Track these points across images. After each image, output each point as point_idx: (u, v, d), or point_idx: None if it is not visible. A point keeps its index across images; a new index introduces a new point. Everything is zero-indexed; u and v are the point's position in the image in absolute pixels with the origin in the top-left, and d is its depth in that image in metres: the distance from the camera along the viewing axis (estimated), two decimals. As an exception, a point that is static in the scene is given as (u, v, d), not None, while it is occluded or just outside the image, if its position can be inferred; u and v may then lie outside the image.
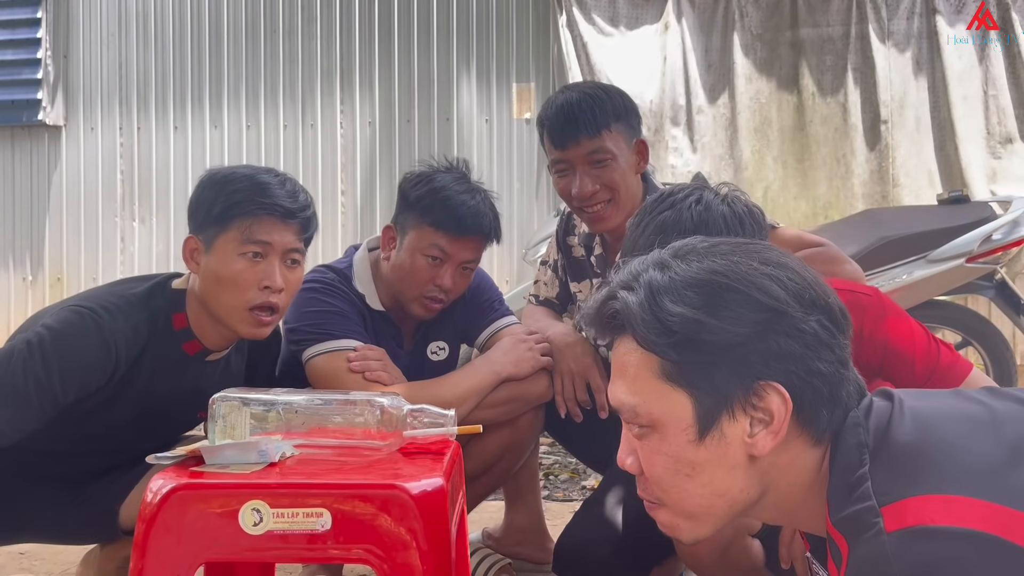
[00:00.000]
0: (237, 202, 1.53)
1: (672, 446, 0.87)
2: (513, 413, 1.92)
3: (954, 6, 4.51)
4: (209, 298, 1.55)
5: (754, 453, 0.86)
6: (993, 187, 4.43)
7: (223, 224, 1.53)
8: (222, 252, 1.53)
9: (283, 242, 1.55)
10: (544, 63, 4.83)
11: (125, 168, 5.14)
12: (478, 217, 1.83)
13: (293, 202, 1.55)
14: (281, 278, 1.54)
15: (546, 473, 3.14)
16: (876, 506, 0.77)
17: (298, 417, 1.31)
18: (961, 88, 4.46)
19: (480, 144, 4.89)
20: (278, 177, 1.58)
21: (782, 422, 0.84)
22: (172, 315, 1.58)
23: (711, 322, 0.84)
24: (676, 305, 0.84)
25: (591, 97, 1.85)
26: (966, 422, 0.84)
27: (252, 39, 5.03)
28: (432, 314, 1.89)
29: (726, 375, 0.84)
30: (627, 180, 1.87)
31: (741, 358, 0.84)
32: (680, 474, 0.87)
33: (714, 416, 0.85)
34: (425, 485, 1.17)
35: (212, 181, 1.58)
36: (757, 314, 0.84)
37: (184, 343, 1.59)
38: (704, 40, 4.66)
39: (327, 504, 1.15)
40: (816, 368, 0.85)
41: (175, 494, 1.15)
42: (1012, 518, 0.73)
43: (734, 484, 0.87)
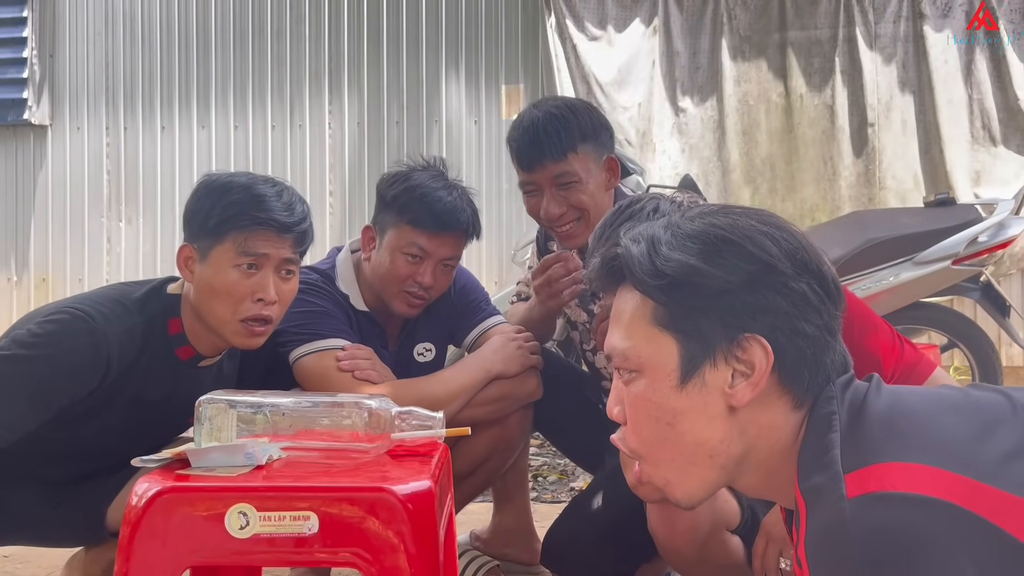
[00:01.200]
0: (233, 215, 1.51)
1: (656, 391, 0.89)
2: (503, 411, 1.92)
3: (940, 10, 4.55)
4: (202, 308, 1.54)
5: (733, 404, 0.87)
6: (977, 190, 4.46)
7: (218, 236, 1.52)
8: (217, 263, 1.52)
9: (278, 255, 1.54)
10: (533, 64, 4.84)
11: (112, 168, 5.11)
12: (456, 213, 1.83)
13: (290, 215, 1.54)
14: (275, 290, 1.54)
15: (535, 474, 3.14)
16: (841, 473, 0.78)
17: (285, 419, 1.31)
18: (946, 92, 4.50)
19: (469, 145, 4.89)
20: (275, 188, 1.57)
21: (762, 374, 0.86)
22: (167, 320, 1.57)
23: (703, 267, 0.86)
24: (673, 252, 0.88)
25: (557, 118, 1.83)
26: (939, 401, 0.86)
27: (240, 39, 5.02)
28: (415, 311, 1.88)
29: (713, 323, 0.87)
30: (596, 199, 1.86)
31: (728, 307, 0.86)
32: (661, 421, 0.89)
33: (697, 363, 0.87)
34: (413, 488, 1.17)
35: (208, 190, 1.56)
36: (749, 265, 0.86)
37: (177, 348, 1.58)
38: (692, 42, 4.68)
39: (314, 507, 1.14)
40: (801, 328, 0.87)
41: (160, 497, 1.14)
42: (973, 488, 0.74)
43: (713, 434, 0.88)
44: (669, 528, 1.48)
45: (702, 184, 4.20)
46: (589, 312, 2.00)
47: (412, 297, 1.84)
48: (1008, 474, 0.76)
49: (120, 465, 1.50)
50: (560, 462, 3.37)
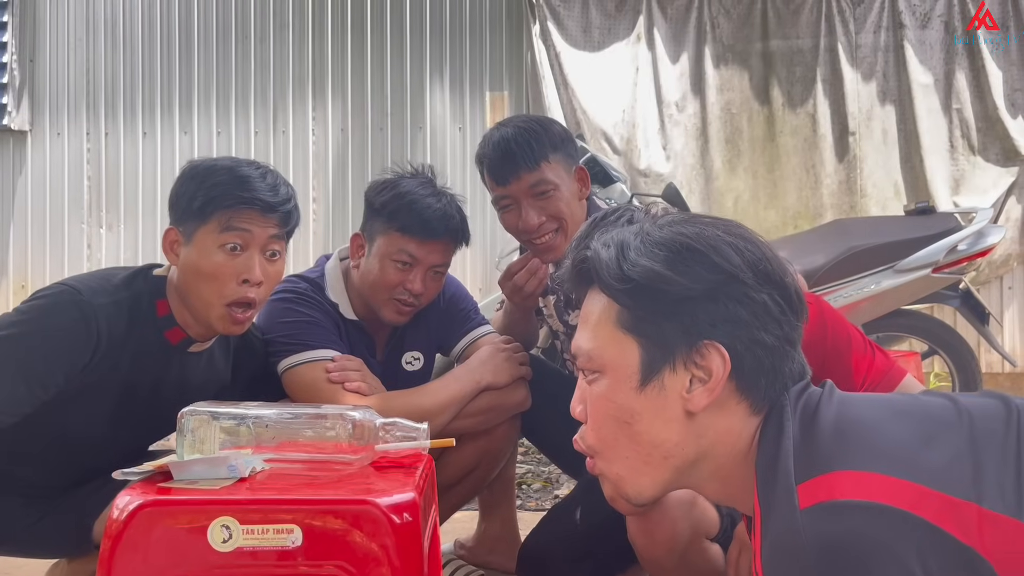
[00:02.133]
0: (217, 195, 1.51)
1: (616, 392, 0.92)
2: (491, 422, 1.92)
3: (920, 21, 4.60)
4: (187, 291, 1.54)
5: (690, 408, 0.90)
6: (957, 198, 4.51)
7: (203, 216, 1.52)
8: (201, 244, 1.52)
9: (263, 234, 1.53)
10: (517, 72, 4.84)
11: (92, 174, 5.06)
12: (445, 220, 1.83)
13: (274, 195, 1.54)
14: (260, 271, 1.53)
15: (519, 482, 3.14)
16: (793, 484, 0.80)
17: (268, 431, 1.30)
18: (926, 101, 4.55)
19: (453, 152, 4.89)
20: (259, 170, 1.57)
21: (719, 381, 0.88)
22: (155, 301, 1.56)
23: (667, 274, 0.89)
24: (641, 257, 0.91)
25: (526, 131, 1.85)
26: (887, 407, 0.88)
27: (223, 44, 4.99)
28: (404, 319, 1.88)
29: (674, 328, 0.89)
30: (572, 208, 1.87)
31: (690, 314, 0.89)
32: (619, 420, 0.92)
33: (657, 366, 0.90)
34: (397, 500, 1.16)
35: (193, 173, 1.57)
36: (712, 274, 0.89)
37: (166, 330, 1.57)
38: (676, 51, 4.70)
39: (298, 520, 1.13)
40: (760, 338, 0.89)
41: (142, 511, 1.13)
42: (920, 494, 0.76)
43: (669, 437, 0.91)
44: (649, 537, 1.48)
45: (685, 192, 4.22)
46: (565, 323, 2.02)
47: (401, 304, 1.84)
48: (951, 478, 0.78)
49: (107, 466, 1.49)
50: (545, 469, 3.37)
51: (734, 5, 4.68)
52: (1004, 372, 4.61)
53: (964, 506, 0.76)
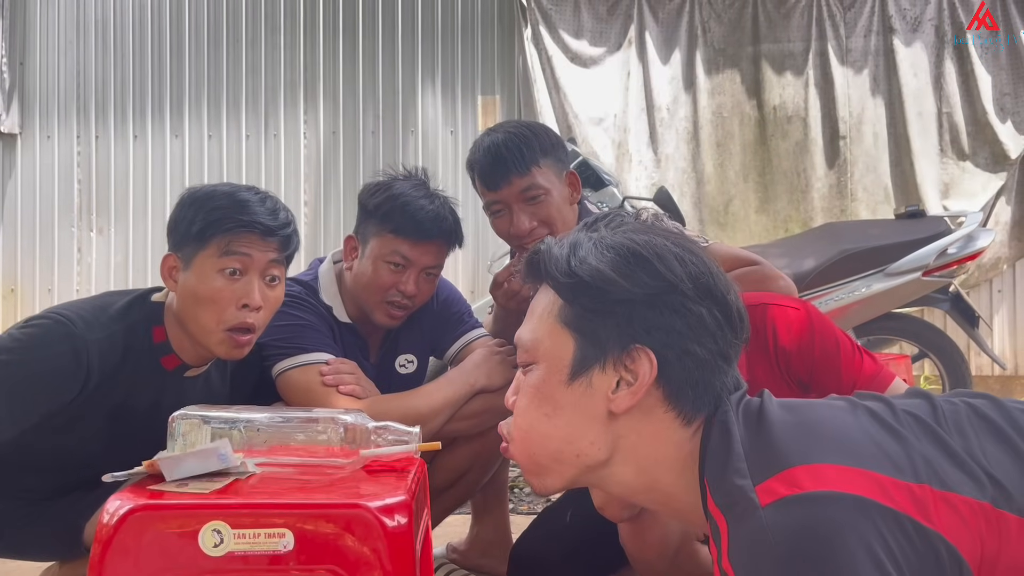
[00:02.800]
0: (217, 219, 1.51)
1: (545, 383, 0.94)
2: (485, 425, 1.92)
3: (910, 25, 4.63)
4: (186, 317, 1.53)
5: (612, 409, 0.91)
6: (947, 202, 4.54)
7: (202, 241, 1.51)
8: (200, 269, 1.51)
9: (262, 258, 1.53)
10: (509, 76, 4.85)
11: (83, 177, 5.04)
12: (438, 221, 1.83)
13: (274, 219, 1.54)
14: (260, 296, 1.53)
15: (511, 486, 3.13)
16: (751, 484, 0.81)
17: (260, 435, 1.29)
18: (916, 105, 4.58)
19: (445, 156, 4.89)
20: (259, 195, 1.57)
21: (643, 386, 0.90)
22: (152, 328, 1.56)
23: (610, 275, 0.91)
24: (588, 256, 0.93)
25: (516, 136, 1.85)
26: (830, 407, 0.91)
27: (214, 48, 4.98)
28: (396, 322, 1.88)
29: (609, 329, 0.92)
30: (563, 213, 1.88)
31: (627, 317, 0.91)
32: (541, 410, 0.94)
33: (588, 363, 0.92)
34: (389, 504, 1.16)
35: (192, 199, 1.56)
36: (653, 281, 0.91)
37: (162, 357, 1.57)
38: (667, 54, 4.72)
39: (289, 524, 1.13)
40: (692, 349, 0.91)
41: (133, 515, 1.13)
42: (875, 480, 0.79)
43: (585, 435, 0.93)
44: (640, 540, 1.48)
45: (677, 195, 4.22)
46: None
47: (393, 307, 1.84)
48: (902, 463, 0.81)
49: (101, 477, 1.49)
50: (536, 473, 3.36)
51: (725, 9, 4.70)
52: (994, 375, 4.63)
53: (918, 488, 0.79)
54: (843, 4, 4.66)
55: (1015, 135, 4.55)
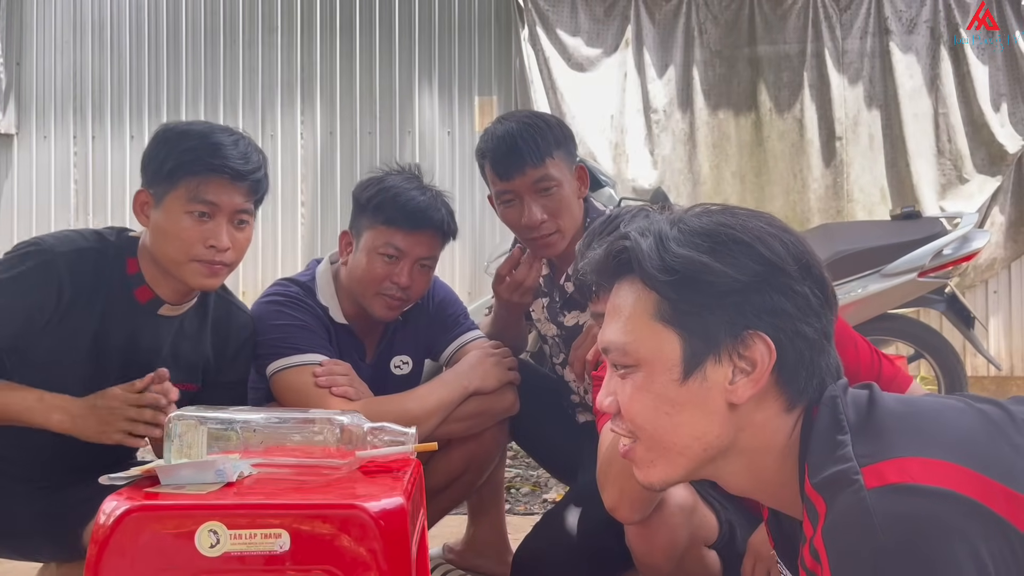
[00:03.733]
0: (187, 161, 1.52)
1: (656, 384, 0.90)
2: (479, 427, 1.93)
3: (905, 27, 4.64)
4: (156, 251, 1.56)
5: (733, 400, 0.88)
6: (943, 203, 4.55)
7: (172, 181, 1.53)
8: (170, 209, 1.53)
9: (231, 203, 1.54)
10: (506, 76, 4.85)
11: (79, 177, 5.04)
12: (429, 211, 1.83)
13: (245, 163, 1.54)
14: (228, 238, 1.54)
15: (508, 486, 3.14)
16: (857, 466, 0.79)
17: (256, 436, 1.29)
18: (912, 106, 4.59)
19: (442, 156, 4.89)
20: (232, 136, 1.58)
21: (763, 372, 0.88)
22: (126, 258, 1.58)
23: (714, 265, 0.87)
24: (682, 248, 0.88)
25: (531, 127, 1.85)
26: (946, 404, 0.89)
27: (211, 48, 4.98)
28: (393, 314, 1.88)
29: (718, 320, 0.88)
30: (572, 206, 1.88)
31: (735, 305, 0.87)
32: (660, 412, 0.90)
33: (700, 358, 0.88)
34: (385, 504, 1.16)
35: (166, 136, 1.58)
36: (757, 266, 0.87)
37: (135, 289, 1.59)
38: (664, 56, 4.72)
39: (285, 525, 1.13)
40: (803, 331, 0.88)
41: (129, 516, 1.13)
42: (987, 485, 0.77)
43: (710, 429, 0.89)
44: (648, 544, 1.48)
45: (673, 196, 4.24)
46: (559, 324, 2.01)
47: (390, 299, 1.84)
48: (1013, 471, 0.79)
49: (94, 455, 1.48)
50: (533, 473, 3.37)
51: (722, 11, 4.71)
52: (989, 376, 4.65)
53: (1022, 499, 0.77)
54: (839, 6, 4.67)
55: (1012, 135, 4.56)
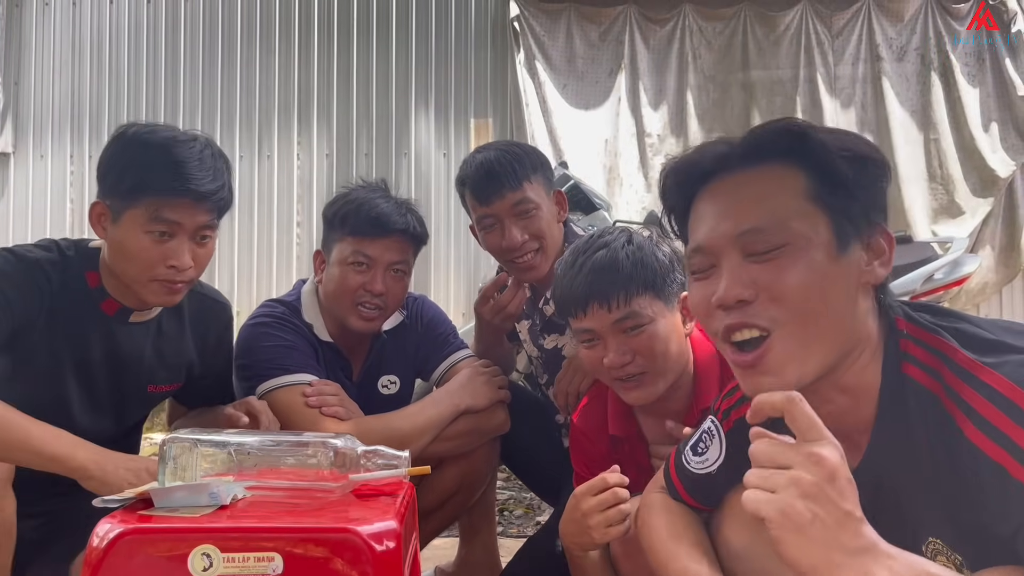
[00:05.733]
0: (148, 180, 1.44)
1: (813, 259, 0.93)
2: (470, 445, 1.93)
3: (896, 54, 4.70)
4: (115, 267, 1.50)
5: (871, 280, 0.95)
6: (935, 227, 4.59)
7: (132, 199, 1.45)
8: (128, 227, 1.46)
9: (193, 223, 1.48)
10: (502, 99, 4.89)
11: (75, 197, 5.05)
12: (394, 216, 1.85)
13: (209, 183, 1.47)
14: (190, 256, 1.48)
15: (501, 508, 3.13)
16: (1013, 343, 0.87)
17: (250, 458, 1.30)
18: (903, 132, 4.64)
19: (437, 178, 4.92)
20: (195, 149, 1.48)
21: (891, 255, 0.96)
22: (84, 272, 1.52)
23: (875, 155, 0.96)
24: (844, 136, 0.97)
25: (508, 153, 1.91)
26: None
27: (209, 68, 5.01)
28: (372, 325, 1.88)
29: (859, 207, 0.95)
30: (551, 228, 1.92)
31: (872, 194, 0.96)
32: (816, 287, 0.92)
33: (848, 238, 0.94)
34: (378, 528, 1.16)
35: (125, 145, 1.49)
36: (881, 172, 0.97)
37: (101, 303, 1.54)
38: (658, 80, 4.77)
39: (279, 548, 1.13)
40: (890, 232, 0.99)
41: (122, 539, 1.13)
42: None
43: (851, 310, 0.94)
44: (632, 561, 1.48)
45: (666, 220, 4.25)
46: (539, 347, 2.04)
47: (365, 309, 1.85)
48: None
49: None
50: (526, 495, 3.37)
51: (715, 36, 4.76)
52: (982, 399, 4.66)
53: None
54: (831, 32, 4.72)
55: (1004, 160, 4.61)
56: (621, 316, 1.48)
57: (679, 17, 4.74)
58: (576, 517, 1.37)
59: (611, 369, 1.51)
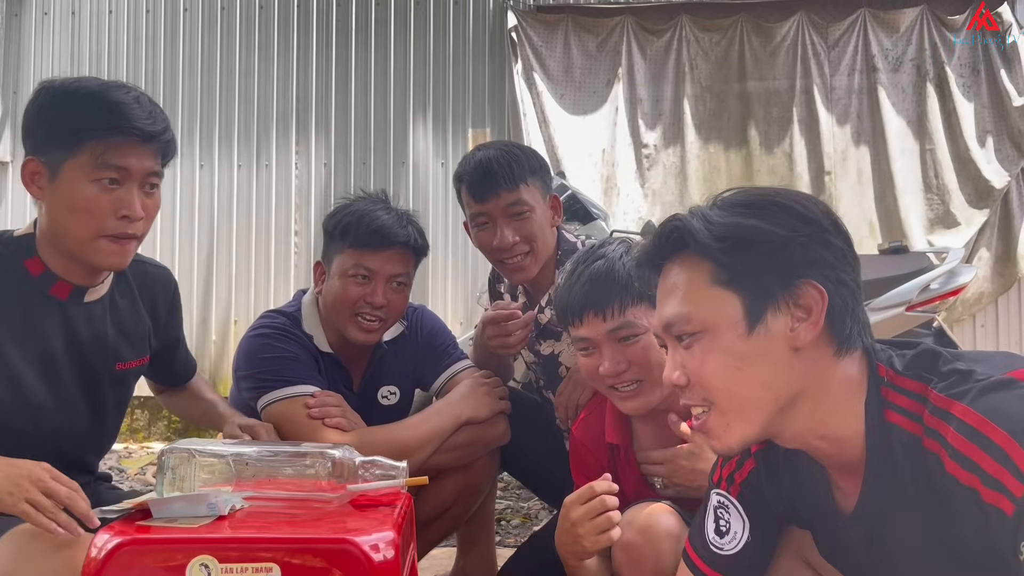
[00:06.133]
0: (88, 124, 1.36)
1: (724, 342, 0.98)
2: (471, 456, 1.93)
3: (892, 65, 4.72)
4: (57, 229, 1.41)
5: (796, 344, 0.97)
6: (931, 237, 4.60)
7: (71, 147, 1.36)
8: (71, 179, 1.37)
9: (142, 167, 1.40)
10: (499, 108, 4.91)
11: (73, 205, 5.05)
12: (395, 228, 1.85)
13: (152, 124, 1.40)
14: (140, 206, 1.41)
15: (498, 518, 3.13)
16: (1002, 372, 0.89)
17: (248, 469, 1.30)
18: (899, 142, 4.66)
19: (435, 187, 4.93)
20: (131, 94, 1.42)
21: (820, 314, 0.96)
22: (24, 263, 1.44)
23: (760, 224, 0.98)
24: (728, 217, 0.99)
25: (507, 154, 1.91)
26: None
27: (207, 77, 5.03)
28: (373, 336, 1.88)
29: (771, 274, 0.97)
30: (544, 232, 1.93)
31: (784, 258, 0.97)
32: (731, 368, 0.98)
33: (761, 311, 0.97)
34: (376, 539, 1.17)
35: (53, 96, 1.40)
36: (797, 221, 0.98)
37: (50, 289, 1.44)
38: (655, 91, 4.79)
39: (277, 559, 1.14)
40: (844, 279, 0.98)
41: (121, 549, 1.13)
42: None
43: (779, 377, 0.97)
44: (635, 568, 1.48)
45: (665, 229, 4.26)
46: (536, 352, 2.05)
47: (365, 320, 1.84)
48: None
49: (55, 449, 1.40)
50: (524, 505, 3.36)
51: (712, 47, 4.78)
52: (978, 409, 4.66)
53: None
54: (827, 43, 4.75)
55: (998, 171, 4.63)
56: (616, 325, 1.49)
57: (676, 28, 4.77)
58: (567, 527, 1.38)
59: (606, 378, 1.51)
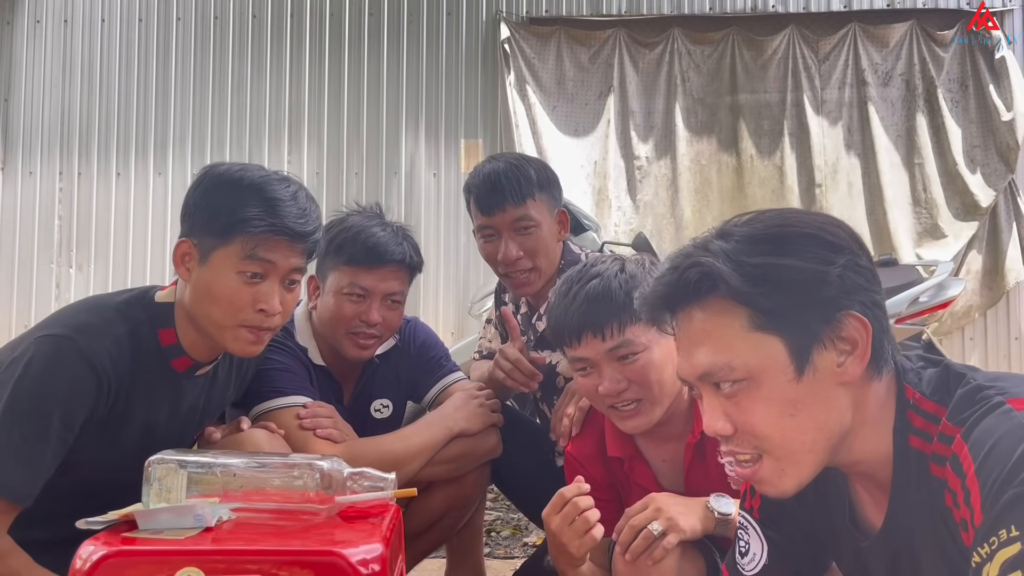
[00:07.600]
0: (244, 219, 1.39)
1: (773, 389, 0.92)
2: (463, 469, 1.92)
3: (881, 79, 4.76)
4: (199, 311, 1.44)
5: (846, 379, 0.92)
6: (920, 250, 4.63)
7: (224, 238, 1.40)
8: (219, 267, 1.41)
9: (287, 264, 1.43)
10: (492, 119, 4.92)
11: (64, 213, 5.04)
12: (391, 246, 1.83)
13: (304, 224, 1.43)
14: (279, 300, 1.43)
15: (488, 529, 3.12)
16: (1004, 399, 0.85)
17: (236, 480, 1.29)
18: (888, 156, 4.69)
19: (427, 197, 4.93)
20: (289, 188, 1.45)
21: (866, 345, 0.91)
22: (156, 330, 1.46)
23: (795, 263, 0.91)
24: (756, 257, 0.92)
25: (516, 167, 1.91)
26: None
27: (200, 87, 5.03)
28: (367, 352, 1.87)
29: (811, 312, 0.91)
30: (549, 247, 1.93)
31: (823, 294, 0.91)
32: (784, 415, 0.92)
33: (807, 352, 0.91)
34: (364, 551, 1.16)
35: (217, 183, 1.44)
36: (829, 252, 0.92)
37: (173, 360, 1.48)
38: (647, 103, 4.81)
39: (263, 570, 1.13)
40: (876, 300, 0.94)
41: (106, 561, 1.12)
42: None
43: (831, 416, 0.92)
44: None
45: (655, 240, 4.28)
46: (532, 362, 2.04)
47: (360, 337, 1.84)
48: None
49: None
50: (514, 516, 3.35)
51: (704, 60, 4.81)
52: (967, 421, 4.68)
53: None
54: (818, 57, 4.78)
55: (985, 186, 4.66)
56: (615, 345, 1.48)
57: (668, 40, 4.79)
58: (551, 539, 1.38)
59: (606, 397, 1.50)
